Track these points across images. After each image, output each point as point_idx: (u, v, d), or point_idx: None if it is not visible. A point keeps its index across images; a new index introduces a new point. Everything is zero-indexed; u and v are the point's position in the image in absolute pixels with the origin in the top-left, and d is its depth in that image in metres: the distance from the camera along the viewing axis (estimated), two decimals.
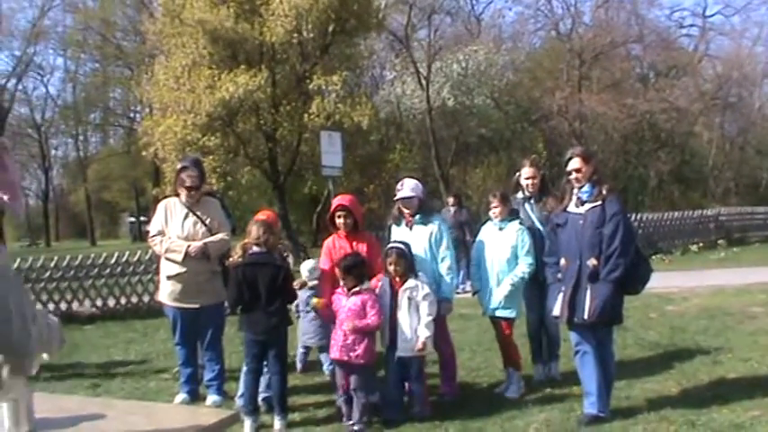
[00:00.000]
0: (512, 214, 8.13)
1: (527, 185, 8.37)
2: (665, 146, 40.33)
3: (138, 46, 49.16)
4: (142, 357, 11.11)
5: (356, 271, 7.10)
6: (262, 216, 7.73)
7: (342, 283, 7.20)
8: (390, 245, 7.48)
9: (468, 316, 10.35)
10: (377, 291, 7.29)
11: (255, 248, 7.15)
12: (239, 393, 7.36)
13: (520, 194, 8.43)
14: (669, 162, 39.72)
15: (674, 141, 40.45)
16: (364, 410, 6.96)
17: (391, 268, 7.28)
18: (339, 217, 7.62)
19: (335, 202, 7.81)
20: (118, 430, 3.38)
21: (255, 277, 7.00)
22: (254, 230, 7.16)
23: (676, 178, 40.84)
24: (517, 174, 8.69)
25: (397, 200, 7.85)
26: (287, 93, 27.55)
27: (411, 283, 7.22)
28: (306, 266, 9.40)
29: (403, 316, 7.18)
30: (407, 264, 7.28)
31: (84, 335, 12.07)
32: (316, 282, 8.53)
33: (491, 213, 8.15)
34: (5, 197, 2.95)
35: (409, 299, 7.17)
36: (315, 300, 7.71)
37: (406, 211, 7.81)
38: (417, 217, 7.75)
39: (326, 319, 7.60)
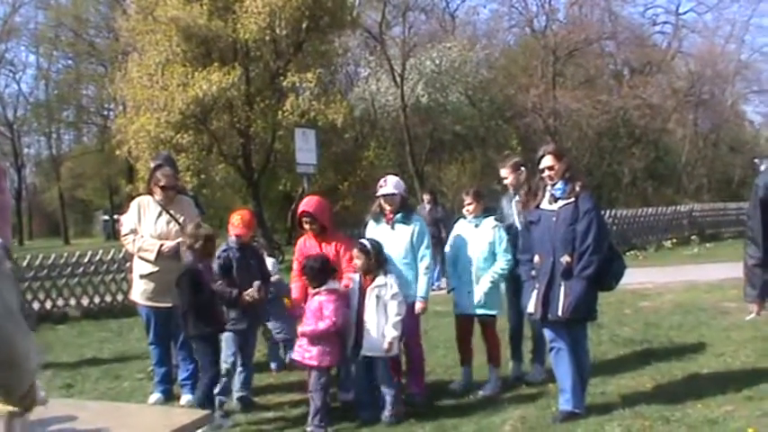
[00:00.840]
0: (486, 211, 8.14)
1: (507, 185, 8.40)
2: (639, 142, 40.55)
3: (111, 43, 48.85)
4: (116, 357, 11.04)
5: (316, 272, 7.08)
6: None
7: (308, 282, 7.22)
8: (359, 241, 7.47)
9: (442, 313, 10.34)
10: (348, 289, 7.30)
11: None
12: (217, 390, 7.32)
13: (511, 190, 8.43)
14: (643, 158, 39.94)
15: (648, 138, 40.67)
16: (317, 412, 6.89)
17: (355, 264, 7.27)
18: (306, 223, 7.63)
19: (301, 206, 7.79)
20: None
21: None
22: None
23: (650, 175, 41.05)
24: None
25: (379, 196, 7.81)
26: (261, 90, 27.47)
27: (380, 281, 7.15)
28: (269, 262, 9.56)
29: (369, 315, 7.14)
30: (373, 261, 7.20)
31: (57, 334, 12.00)
32: (277, 277, 8.90)
33: (464, 211, 8.16)
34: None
35: (377, 297, 7.11)
36: (286, 300, 7.68)
37: (387, 208, 7.76)
38: (399, 215, 7.69)
39: (299, 318, 7.50)
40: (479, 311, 7.93)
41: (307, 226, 7.60)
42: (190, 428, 3.54)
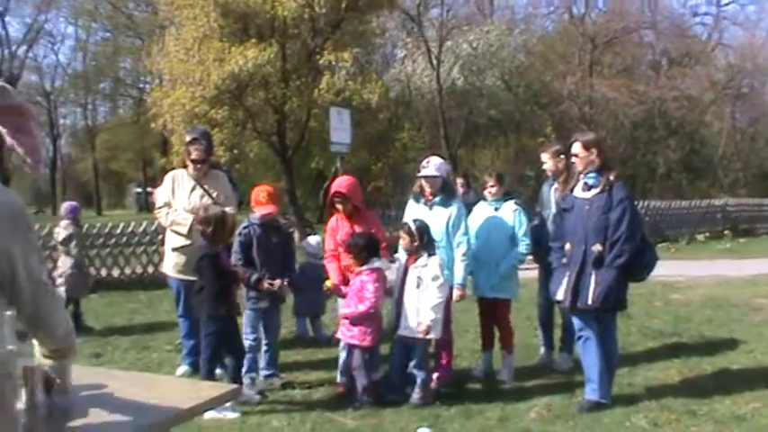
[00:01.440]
0: (507, 195, 8.13)
1: (546, 171, 8.36)
2: (675, 134, 40.12)
3: (149, 17, 49.02)
4: (145, 328, 11.13)
5: (362, 250, 7.06)
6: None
7: (351, 262, 7.17)
8: (405, 221, 7.41)
9: (472, 297, 10.34)
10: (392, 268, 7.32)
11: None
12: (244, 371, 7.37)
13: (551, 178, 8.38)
14: (678, 150, 39.54)
15: (684, 130, 40.23)
16: (364, 390, 6.98)
17: (401, 244, 7.24)
18: (338, 203, 7.57)
19: (333, 187, 7.72)
20: (120, 401, 3.35)
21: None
22: None
23: (685, 167, 40.64)
24: None
25: (421, 177, 7.79)
26: (297, 68, 27.44)
27: (422, 261, 7.11)
28: (313, 240, 9.61)
29: (409, 295, 7.11)
30: (417, 242, 7.15)
31: (88, 304, 12.07)
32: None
33: (486, 192, 8.15)
34: (29, 160, 2.95)
35: (418, 278, 7.07)
36: (327, 282, 7.63)
37: (427, 189, 7.74)
38: (438, 198, 7.67)
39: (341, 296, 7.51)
40: (495, 295, 7.90)
41: (339, 206, 7.56)
42: (217, 402, 3.55)
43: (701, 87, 39.74)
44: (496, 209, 7.99)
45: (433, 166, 7.68)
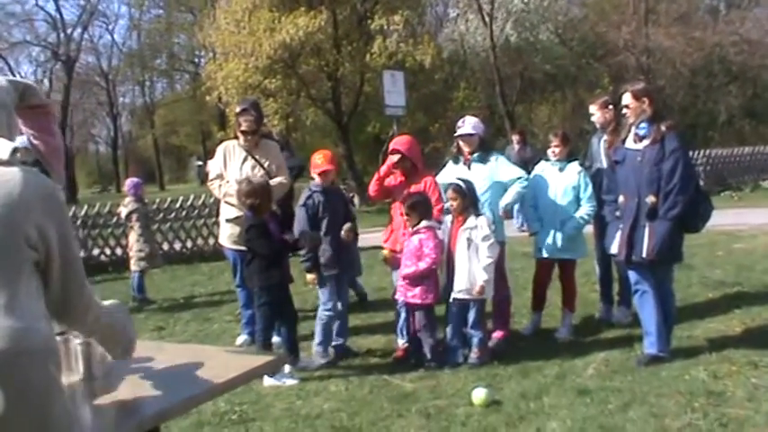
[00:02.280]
0: (571, 155, 8.03)
1: (595, 122, 8.26)
2: (736, 80, 39.35)
3: None
4: (207, 300, 11.27)
5: (419, 209, 7.03)
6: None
7: (406, 221, 7.14)
8: (450, 181, 7.34)
9: (530, 255, 10.28)
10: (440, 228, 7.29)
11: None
12: (318, 340, 7.44)
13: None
14: (740, 96, 38.77)
15: (746, 75, 39.42)
16: (433, 350, 7.03)
17: (449, 205, 7.18)
18: (397, 162, 7.55)
19: (391, 145, 7.71)
20: (166, 372, 3.41)
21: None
22: None
23: (747, 113, 39.84)
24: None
25: (457, 136, 7.77)
26: (348, 33, 27.44)
27: (471, 222, 7.02)
28: None
29: (461, 257, 7.03)
30: (466, 201, 7.08)
31: (150, 278, 12.23)
32: None
33: (550, 152, 8.04)
34: (52, 161, 3.00)
35: (468, 240, 6.98)
36: (384, 252, 7.61)
37: (465, 148, 7.72)
38: (476, 155, 7.66)
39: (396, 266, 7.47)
40: (562, 256, 7.85)
41: (398, 165, 7.55)
42: (262, 371, 3.59)
43: (762, 30, 38.78)
44: (560, 169, 7.89)
45: (468, 124, 7.67)
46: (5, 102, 2.64)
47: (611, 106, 8.08)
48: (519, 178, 7.62)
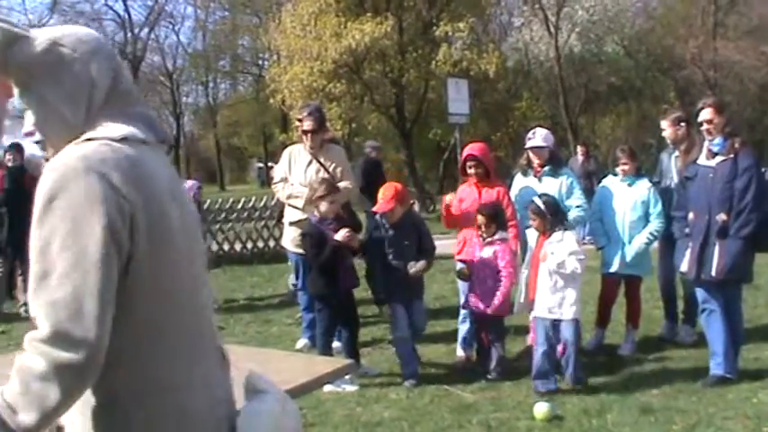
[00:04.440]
0: (638, 171, 7.92)
1: (666, 139, 8.12)
2: None
3: None
4: (266, 302, 11.29)
5: (495, 218, 6.99)
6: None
7: (481, 230, 7.06)
8: (535, 197, 7.05)
9: (593, 268, 10.15)
10: (515, 244, 7.23)
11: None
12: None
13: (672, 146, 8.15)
14: None
15: None
16: (500, 361, 6.97)
17: (533, 224, 6.93)
18: (470, 167, 7.48)
19: (466, 151, 7.66)
20: (234, 376, 3.39)
21: None
22: None
23: None
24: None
25: (528, 149, 7.70)
26: (413, 40, 27.49)
27: (556, 236, 6.65)
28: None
29: (544, 273, 6.65)
30: (546, 221, 6.74)
31: (211, 278, 12.30)
32: None
33: (619, 170, 7.92)
34: None
35: (553, 254, 6.56)
36: (462, 267, 7.42)
37: (536, 161, 7.66)
38: (547, 168, 7.60)
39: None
40: (629, 272, 7.74)
41: (471, 170, 7.48)
42: (331, 377, 3.56)
43: None
44: (629, 185, 7.77)
45: (539, 136, 7.63)
46: None
47: (683, 123, 7.94)
48: (579, 206, 7.58)
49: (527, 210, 7.10)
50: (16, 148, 11.08)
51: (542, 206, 6.79)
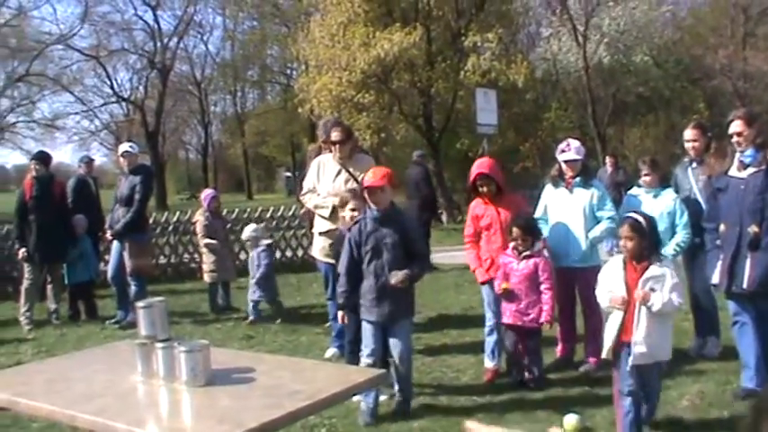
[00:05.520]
0: (663, 181, 7.87)
1: (689, 149, 8.04)
2: None
3: (294, 4, 49.76)
4: (295, 311, 11.31)
5: (531, 231, 6.98)
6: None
7: (516, 243, 7.03)
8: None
9: None
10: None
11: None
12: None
13: (686, 158, 8.11)
14: None
15: None
16: (541, 374, 6.97)
17: (625, 245, 5.56)
18: (481, 185, 7.38)
19: (475, 169, 7.47)
20: (268, 385, 3.42)
21: None
22: None
23: None
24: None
25: (563, 161, 7.68)
26: (442, 50, 27.54)
27: (655, 271, 5.42)
28: (248, 229, 10.85)
29: (643, 315, 5.46)
30: (645, 242, 5.49)
31: (239, 288, 12.35)
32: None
33: (641, 181, 7.89)
34: None
35: (652, 290, 5.39)
36: (504, 285, 7.31)
37: (569, 173, 7.65)
38: (578, 179, 7.58)
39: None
40: None
41: (483, 188, 7.38)
42: (364, 386, 3.58)
43: None
44: (655, 196, 7.72)
45: (573, 149, 7.59)
46: None
47: (708, 134, 7.90)
48: (610, 218, 7.52)
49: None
50: (41, 158, 11.19)
51: (644, 223, 5.56)
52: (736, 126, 6.45)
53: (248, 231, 11.10)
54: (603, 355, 5.84)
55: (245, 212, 16.24)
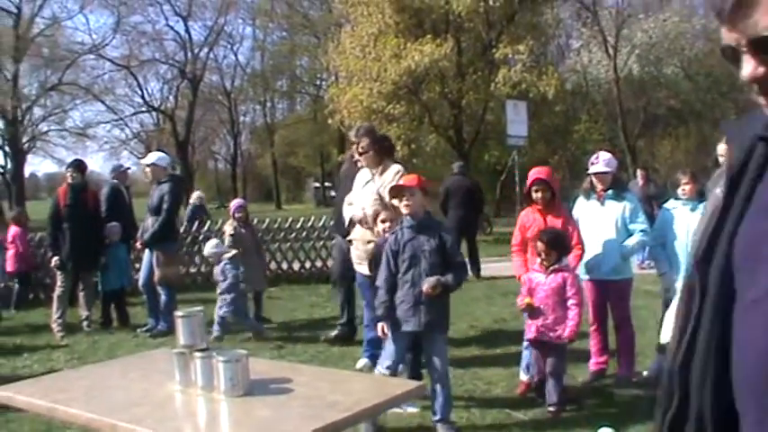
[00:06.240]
0: (700, 195, 7.79)
1: (723, 163, 7.93)
2: None
3: (324, 15, 50.04)
4: (326, 322, 11.30)
5: (559, 246, 6.83)
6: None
7: (542, 258, 6.85)
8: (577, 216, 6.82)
9: (653, 293, 10.04)
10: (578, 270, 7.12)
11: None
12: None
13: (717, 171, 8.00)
14: None
15: None
16: (563, 391, 6.78)
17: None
18: (537, 191, 7.25)
19: (532, 175, 7.35)
20: (307, 396, 3.42)
21: None
22: None
23: None
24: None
25: (592, 174, 7.64)
26: (473, 61, 27.54)
27: None
28: (209, 245, 10.66)
29: None
30: None
31: (270, 297, 12.38)
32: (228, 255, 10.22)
33: (680, 191, 7.81)
34: None
35: None
36: (527, 300, 7.23)
37: (599, 186, 7.60)
38: (610, 192, 7.53)
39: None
40: None
41: (538, 194, 7.23)
42: (403, 399, 3.57)
43: None
44: (692, 209, 7.62)
45: (602, 161, 7.53)
46: None
47: None
48: (643, 231, 7.48)
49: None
50: (77, 166, 11.26)
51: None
52: None
53: (209, 248, 10.71)
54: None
55: (276, 222, 16.25)
